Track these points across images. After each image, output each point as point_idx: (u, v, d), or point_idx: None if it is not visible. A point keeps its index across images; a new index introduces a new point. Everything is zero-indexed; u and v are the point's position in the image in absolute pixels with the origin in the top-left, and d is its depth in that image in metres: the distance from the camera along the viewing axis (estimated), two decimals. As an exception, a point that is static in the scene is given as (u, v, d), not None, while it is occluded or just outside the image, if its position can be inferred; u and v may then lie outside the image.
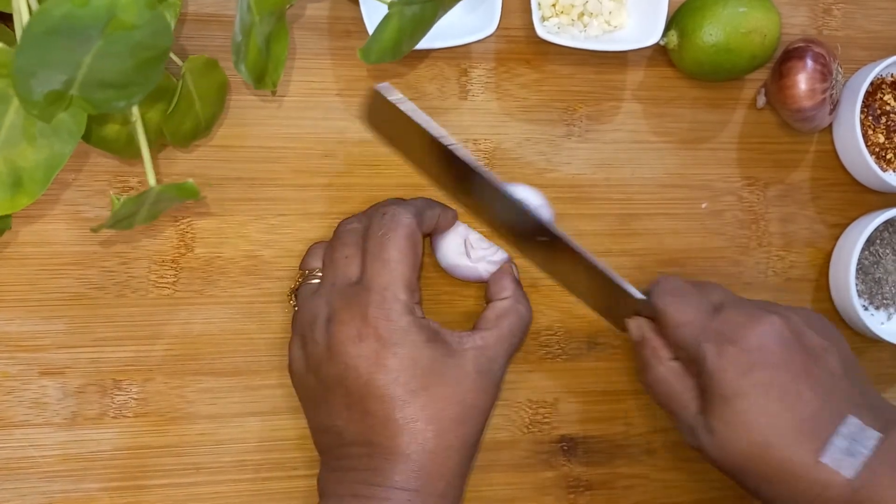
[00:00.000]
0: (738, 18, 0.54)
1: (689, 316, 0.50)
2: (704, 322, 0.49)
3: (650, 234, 0.59)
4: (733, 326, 0.48)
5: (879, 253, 0.60)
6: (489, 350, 0.49)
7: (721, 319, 0.49)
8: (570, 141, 0.58)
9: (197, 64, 0.47)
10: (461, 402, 0.47)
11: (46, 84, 0.39)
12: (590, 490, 0.57)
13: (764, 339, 0.48)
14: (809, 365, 0.48)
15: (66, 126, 0.42)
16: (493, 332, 0.50)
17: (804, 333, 0.49)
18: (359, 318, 0.46)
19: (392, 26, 0.46)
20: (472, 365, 0.48)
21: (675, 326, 0.50)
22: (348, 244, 0.49)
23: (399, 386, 0.46)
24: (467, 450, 0.48)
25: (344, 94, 0.55)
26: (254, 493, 0.53)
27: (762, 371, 0.47)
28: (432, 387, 0.46)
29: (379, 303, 0.46)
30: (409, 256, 0.48)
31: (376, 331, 0.46)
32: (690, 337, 0.49)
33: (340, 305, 0.47)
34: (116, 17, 0.37)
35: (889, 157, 0.60)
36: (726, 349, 0.48)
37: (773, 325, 0.48)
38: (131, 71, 0.40)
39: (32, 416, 0.51)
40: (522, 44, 0.58)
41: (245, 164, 0.54)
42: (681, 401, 0.50)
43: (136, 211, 0.45)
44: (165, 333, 0.53)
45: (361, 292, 0.47)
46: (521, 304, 0.52)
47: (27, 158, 0.42)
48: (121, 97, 0.42)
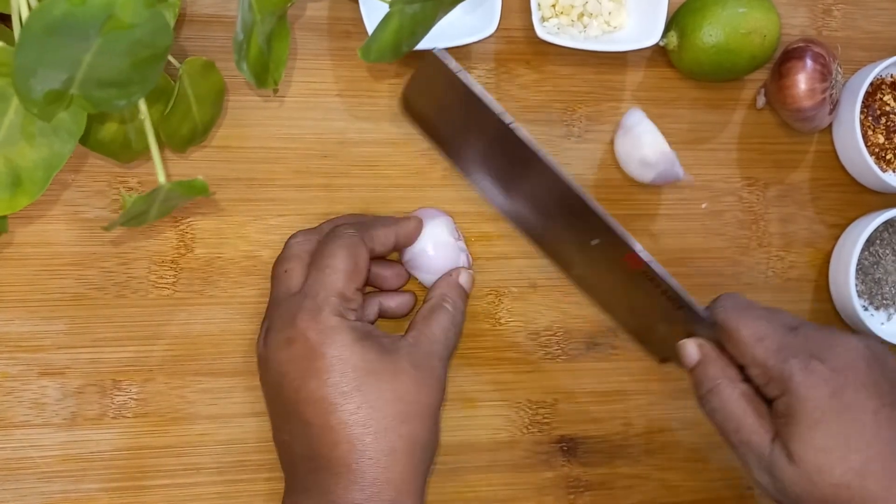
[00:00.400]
0: (738, 19, 0.54)
1: (767, 330, 0.47)
2: (785, 337, 0.46)
3: (650, 234, 0.59)
4: (818, 344, 0.46)
5: (879, 253, 0.60)
6: (422, 346, 0.48)
7: (803, 336, 0.46)
8: (569, 141, 0.58)
9: (195, 66, 0.47)
10: (400, 399, 0.45)
11: (46, 83, 0.39)
12: (589, 490, 0.57)
13: (851, 359, 0.45)
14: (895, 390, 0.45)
15: (65, 126, 0.42)
16: (423, 329, 0.49)
17: (885, 358, 0.46)
18: (289, 323, 0.46)
19: (392, 26, 0.46)
20: (406, 360, 0.46)
21: (753, 341, 0.47)
22: (289, 258, 0.49)
23: (329, 387, 0.44)
24: (417, 452, 0.45)
25: (344, 94, 0.55)
26: (254, 493, 0.53)
27: (854, 392, 0.44)
28: (365, 386, 0.45)
29: (309, 307, 0.46)
30: (347, 266, 0.47)
31: (304, 334, 0.45)
32: (773, 353, 0.46)
33: (276, 315, 0.47)
34: (114, 15, 0.37)
35: (889, 158, 0.60)
36: (815, 366, 0.44)
37: (857, 345, 0.46)
38: (130, 70, 0.40)
39: (32, 417, 0.51)
40: (522, 44, 0.58)
41: (245, 165, 0.54)
42: (753, 427, 0.46)
43: (146, 209, 0.45)
44: (165, 334, 0.53)
45: (295, 300, 0.47)
46: (450, 303, 0.51)
47: (26, 158, 0.42)
48: (121, 96, 0.42)
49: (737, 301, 0.49)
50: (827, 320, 0.61)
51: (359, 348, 0.45)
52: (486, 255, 0.56)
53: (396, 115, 0.56)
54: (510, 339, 0.57)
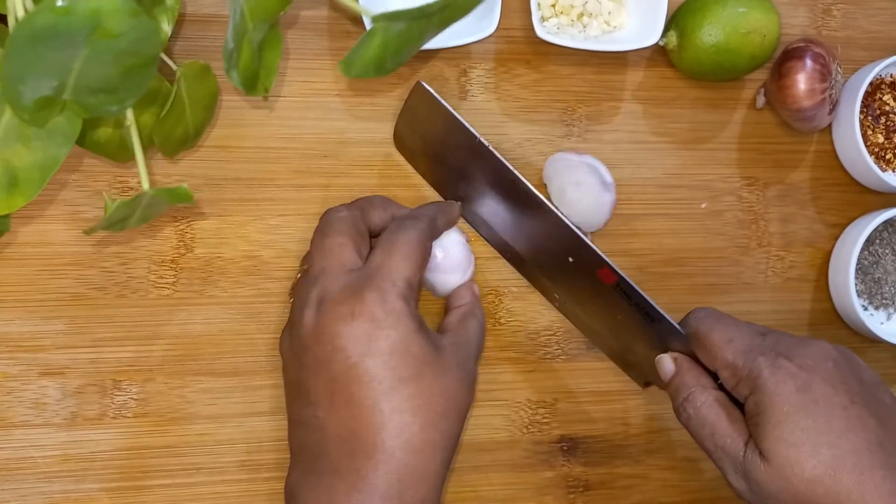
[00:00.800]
0: (738, 18, 0.54)
1: (737, 333, 0.48)
2: (754, 339, 0.47)
3: (650, 234, 0.59)
4: (786, 344, 0.47)
5: (879, 253, 0.60)
6: (462, 347, 0.49)
7: (772, 338, 0.47)
8: (569, 141, 0.58)
9: (192, 70, 0.47)
10: (445, 395, 0.45)
11: (36, 90, 0.39)
12: (589, 490, 0.57)
13: (819, 358, 0.46)
14: (866, 392, 0.45)
15: (60, 129, 0.42)
16: (459, 332, 0.50)
17: (857, 363, 0.47)
18: (354, 297, 0.45)
19: (375, 42, 0.44)
20: (452, 358, 0.47)
21: (723, 344, 0.48)
22: (341, 231, 0.48)
23: (388, 370, 0.44)
24: (448, 451, 0.46)
25: (344, 94, 0.55)
26: (254, 493, 0.53)
27: (823, 388, 0.44)
28: (421, 376, 0.45)
29: (377, 286, 0.45)
30: (417, 257, 0.47)
31: (371, 310, 0.44)
32: (741, 353, 0.47)
33: (335, 287, 0.46)
34: (101, 25, 0.37)
35: (888, 157, 0.60)
36: (782, 363, 0.45)
37: (825, 347, 0.47)
38: (119, 77, 0.40)
39: (32, 417, 0.51)
40: (522, 44, 0.58)
41: (244, 165, 0.54)
42: (727, 432, 0.47)
43: (129, 214, 0.45)
44: (165, 334, 0.53)
45: (361, 276, 0.46)
46: (479, 310, 0.52)
47: (23, 160, 0.42)
48: (112, 102, 0.42)
49: (709, 312, 0.51)
50: (827, 320, 0.61)
51: (419, 337, 0.45)
52: (486, 255, 0.56)
53: (396, 115, 0.56)
54: (510, 339, 0.57)
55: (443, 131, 0.52)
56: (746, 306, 0.60)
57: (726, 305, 0.59)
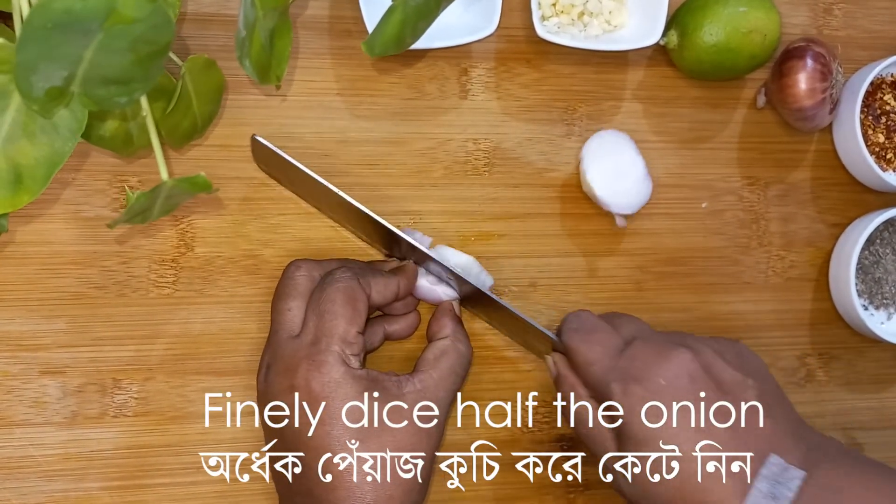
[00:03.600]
0: (739, 18, 0.54)
1: (597, 354, 0.49)
2: (610, 361, 0.48)
3: (650, 233, 0.59)
4: (640, 364, 0.47)
5: (879, 252, 0.60)
6: (429, 392, 0.48)
7: (627, 356, 0.48)
8: (570, 140, 0.58)
9: (197, 64, 0.47)
10: (401, 450, 0.46)
11: (48, 80, 0.39)
12: (589, 490, 0.57)
13: (671, 376, 0.46)
14: (722, 402, 0.46)
15: (66, 123, 0.42)
16: (432, 373, 0.49)
17: (716, 367, 0.47)
18: (291, 371, 0.46)
19: (395, 18, 0.46)
20: (411, 412, 0.47)
21: (584, 365, 0.49)
22: (292, 295, 0.49)
23: (331, 438, 0.45)
24: (412, 497, 0.46)
25: (344, 93, 0.55)
26: (254, 492, 0.53)
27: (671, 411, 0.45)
28: (367, 438, 0.45)
29: (312, 356, 0.46)
30: (346, 311, 0.47)
31: (308, 385, 0.45)
32: (599, 376, 0.48)
33: (278, 356, 0.47)
34: (116, 10, 0.37)
35: (889, 157, 0.60)
36: (632, 388, 0.46)
37: (682, 359, 0.47)
38: (132, 66, 0.40)
39: (33, 416, 0.52)
40: (522, 43, 0.58)
41: (245, 164, 0.54)
42: (598, 439, 0.49)
43: (150, 206, 0.45)
44: (165, 333, 0.53)
45: (296, 345, 0.47)
46: (461, 342, 0.51)
47: (28, 156, 0.42)
48: (122, 93, 0.42)
49: (577, 322, 0.51)
50: (827, 319, 0.61)
51: (362, 400, 0.45)
52: (487, 255, 0.56)
53: (397, 114, 0.56)
54: (510, 339, 0.57)
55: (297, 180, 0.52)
56: (747, 306, 0.60)
57: (726, 305, 0.59)
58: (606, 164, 0.55)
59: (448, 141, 0.56)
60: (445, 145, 0.56)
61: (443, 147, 0.56)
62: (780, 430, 0.46)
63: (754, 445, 0.45)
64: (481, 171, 0.57)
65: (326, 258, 0.52)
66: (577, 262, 0.58)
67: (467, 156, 0.57)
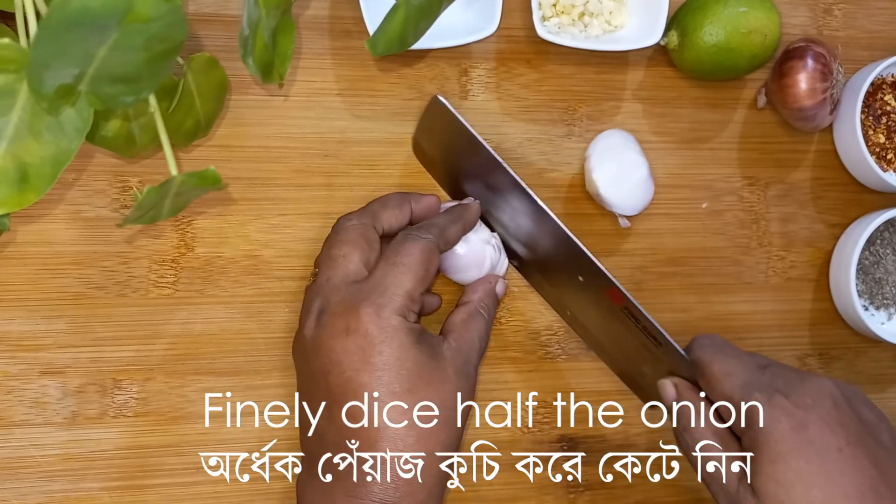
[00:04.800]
0: (739, 18, 0.54)
1: (737, 367, 0.48)
2: (753, 373, 0.47)
3: (650, 234, 0.59)
4: (785, 380, 0.46)
5: (880, 253, 0.60)
6: (462, 352, 0.49)
7: (771, 373, 0.47)
8: (570, 141, 0.58)
9: (199, 62, 0.47)
10: (443, 406, 0.46)
11: (59, 77, 0.39)
12: (589, 490, 0.57)
13: (817, 396, 0.45)
14: (864, 433, 0.45)
15: (72, 122, 0.42)
16: (462, 335, 0.50)
17: (857, 401, 0.46)
18: (350, 312, 0.45)
19: (399, 17, 0.46)
20: (451, 366, 0.47)
21: (722, 377, 0.48)
22: (346, 241, 0.49)
23: (382, 386, 0.45)
24: (446, 456, 0.47)
25: (345, 94, 0.55)
26: (254, 492, 0.53)
27: (816, 428, 0.44)
28: (415, 390, 0.45)
29: (374, 300, 0.46)
30: (419, 271, 0.47)
31: (366, 326, 0.45)
32: (739, 387, 0.47)
33: (335, 299, 0.47)
34: (134, 8, 0.37)
35: (889, 157, 0.60)
36: (779, 400, 0.45)
37: (826, 385, 0.46)
38: (143, 64, 0.41)
39: (33, 416, 0.52)
40: (523, 43, 0.58)
41: (245, 164, 0.54)
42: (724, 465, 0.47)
43: (160, 202, 0.45)
44: (166, 333, 0.53)
45: (360, 289, 0.46)
46: (485, 311, 0.52)
47: (34, 154, 0.42)
48: (129, 92, 0.42)
49: (713, 341, 0.50)
50: (827, 320, 0.61)
51: (415, 352, 0.46)
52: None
53: (397, 115, 0.56)
54: (511, 339, 0.57)
55: (458, 146, 0.52)
56: (747, 306, 0.60)
57: (727, 305, 0.59)
58: (612, 165, 0.55)
59: (448, 141, 0.56)
60: (446, 145, 0.56)
61: (443, 147, 0.56)
62: None
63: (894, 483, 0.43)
64: (481, 171, 0.57)
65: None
66: (578, 263, 0.58)
67: (467, 156, 0.57)
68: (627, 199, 0.55)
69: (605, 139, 0.56)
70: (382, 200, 0.52)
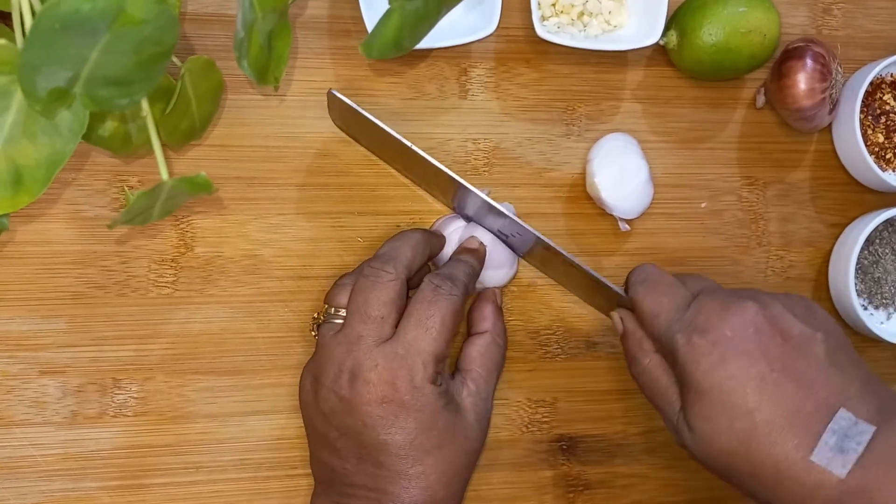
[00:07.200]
0: (738, 18, 0.54)
1: (664, 306, 0.48)
2: (677, 312, 0.48)
3: (650, 233, 0.59)
4: (705, 316, 0.46)
5: (879, 252, 0.60)
6: (482, 392, 0.50)
7: (694, 309, 0.47)
8: (569, 140, 0.58)
9: (196, 65, 0.47)
10: (466, 452, 0.49)
11: (51, 80, 0.39)
12: (589, 489, 0.57)
13: (736, 328, 0.45)
14: (789, 354, 0.45)
15: (67, 124, 0.42)
16: (480, 371, 0.51)
17: (783, 320, 0.46)
18: (386, 382, 0.46)
19: (393, 22, 0.46)
20: (472, 415, 0.49)
21: (650, 317, 0.49)
22: (387, 303, 0.48)
23: (414, 447, 0.47)
24: (466, 488, 0.50)
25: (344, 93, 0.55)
26: (254, 492, 0.53)
27: (736, 361, 0.44)
28: (444, 445, 0.48)
29: (409, 367, 0.47)
30: (449, 333, 0.48)
31: (402, 398, 0.46)
32: (664, 328, 0.48)
33: (369, 363, 0.47)
34: (125, 11, 0.37)
35: (888, 157, 0.60)
36: (696, 340, 0.46)
37: (747, 312, 0.46)
38: (135, 67, 0.40)
39: (32, 415, 0.52)
40: (522, 43, 0.58)
41: (245, 164, 0.54)
42: (665, 396, 0.49)
43: (150, 206, 0.45)
44: (165, 332, 0.53)
45: (394, 353, 0.47)
46: (500, 336, 0.53)
47: (28, 156, 0.42)
48: (123, 94, 0.42)
49: (648, 275, 0.51)
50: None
51: (444, 414, 0.48)
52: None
53: (397, 114, 0.56)
54: (510, 339, 0.57)
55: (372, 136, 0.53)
56: (746, 306, 0.60)
57: (726, 305, 0.59)
58: (614, 170, 0.55)
59: (447, 141, 0.56)
60: (445, 145, 0.56)
61: (442, 147, 0.56)
62: (849, 385, 0.45)
63: (822, 399, 0.44)
64: (481, 171, 0.57)
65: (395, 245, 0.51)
66: (577, 262, 0.58)
67: (467, 156, 0.57)
68: (628, 202, 0.55)
69: (608, 143, 0.56)
70: (411, 244, 0.51)
